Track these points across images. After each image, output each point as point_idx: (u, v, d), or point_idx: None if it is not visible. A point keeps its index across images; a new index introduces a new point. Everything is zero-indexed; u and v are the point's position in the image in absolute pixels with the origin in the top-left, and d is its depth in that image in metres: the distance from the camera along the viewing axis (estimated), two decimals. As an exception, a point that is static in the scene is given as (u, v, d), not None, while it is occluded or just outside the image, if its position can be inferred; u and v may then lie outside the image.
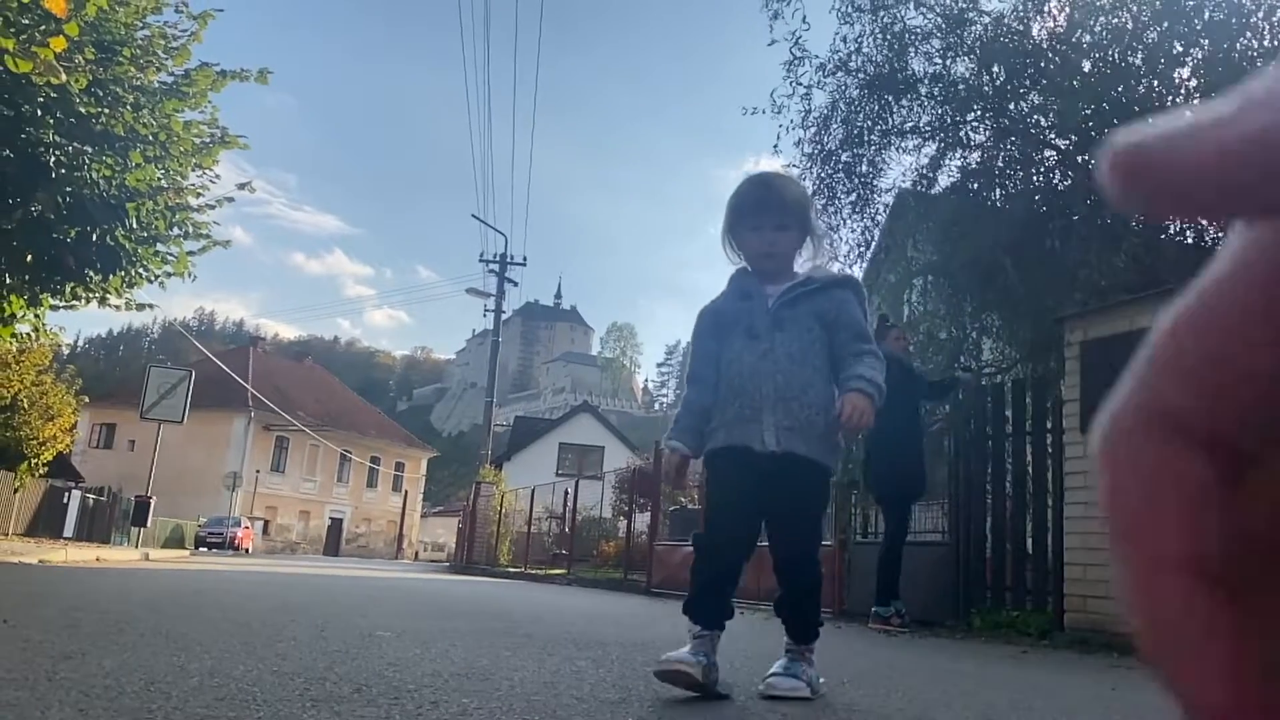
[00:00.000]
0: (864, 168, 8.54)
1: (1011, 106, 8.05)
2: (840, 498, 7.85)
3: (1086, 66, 7.53)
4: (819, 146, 8.53)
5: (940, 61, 8.21)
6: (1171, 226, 7.86)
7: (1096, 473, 0.23)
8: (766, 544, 2.55)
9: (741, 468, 2.39)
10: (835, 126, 8.46)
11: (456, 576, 17.18)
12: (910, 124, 8.44)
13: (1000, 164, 8.23)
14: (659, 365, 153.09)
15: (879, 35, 8.24)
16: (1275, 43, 7.07)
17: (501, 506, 22.92)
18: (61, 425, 23.53)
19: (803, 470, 2.37)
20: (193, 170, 9.67)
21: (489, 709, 1.95)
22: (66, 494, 24.05)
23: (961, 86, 8.10)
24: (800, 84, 8.45)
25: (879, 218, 8.81)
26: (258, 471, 47.56)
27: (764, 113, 8.51)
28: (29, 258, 8.69)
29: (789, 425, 2.37)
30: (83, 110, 8.01)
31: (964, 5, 8.05)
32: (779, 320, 2.45)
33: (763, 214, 2.50)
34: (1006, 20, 7.89)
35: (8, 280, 9.01)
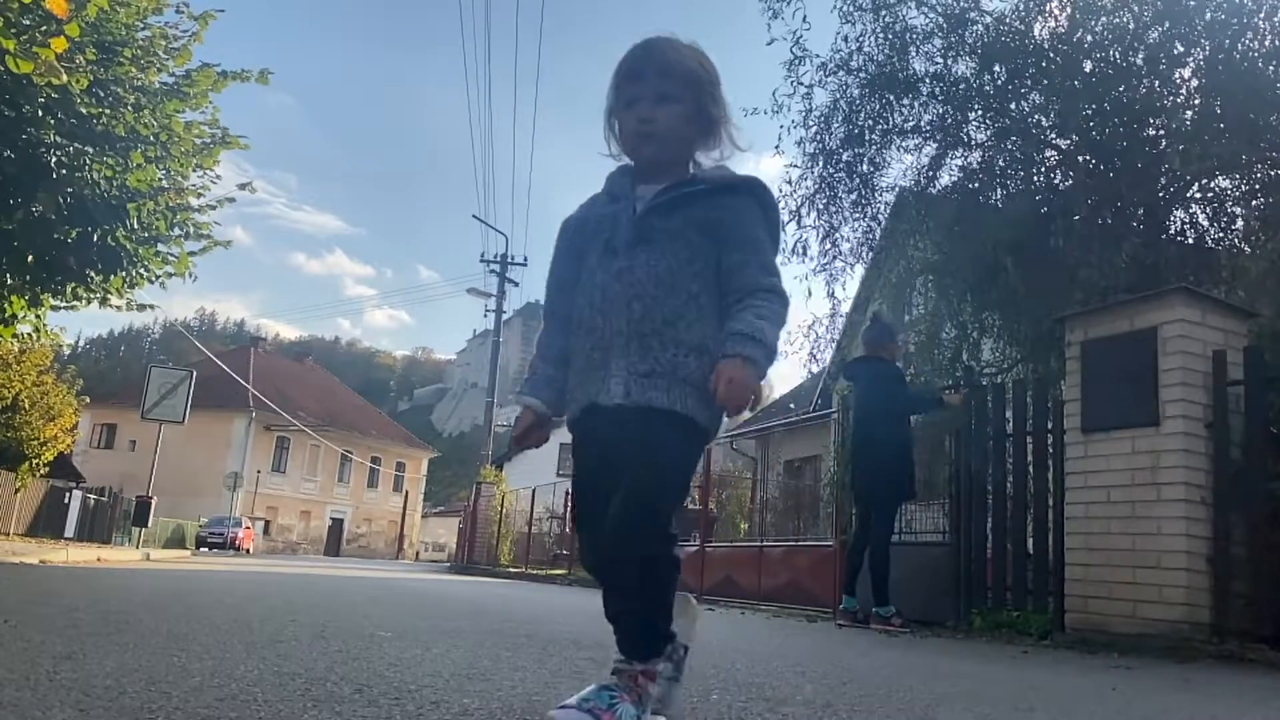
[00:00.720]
0: (865, 167, 8.54)
1: (1013, 106, 8.04)
2: (841, 499, 7.85)
3: (1088, 66, 7.53)
4: (820, 146, 8.53)
5: (941, 61, 8.21)
6: (1173, 226, 7.86)
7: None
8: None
9: (592, 438, 1.82)
10: (836, 126, 8.46)
11: (457, 577, 17.18)
12: (911, 123, 8.44)
13: (1001, 163, 8.23)
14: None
15: (880, 34, 8.24)
16: (1276, 43, 7.07)
17: (502, 507, 22.94)
18: (62, 425, 23.52)
19: (660, 421, 1.73)
20: (194, 171, 9.69)
21: (490, 709, 1.96)
22: (67, 494, 24.08)
23: (963, 86, 8.10)
24: (801, 83, 8.45)
25: (880, 217, 8.82)
26: (258, 472, 47.61)
27: (764, 113, 8.52)
28: (30, 258, 8.70)
29: (646, 370, 1.74)
30: (84, 111, 8.02)
31: (965, 5, 8.05)
32: (646, 231, 1.83)
33: (639, 82, 1.87)
34: (1008, 20, 7.89)
35: (9, 280, 9.02)
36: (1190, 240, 7.89)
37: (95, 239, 8.75)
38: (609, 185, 1.97)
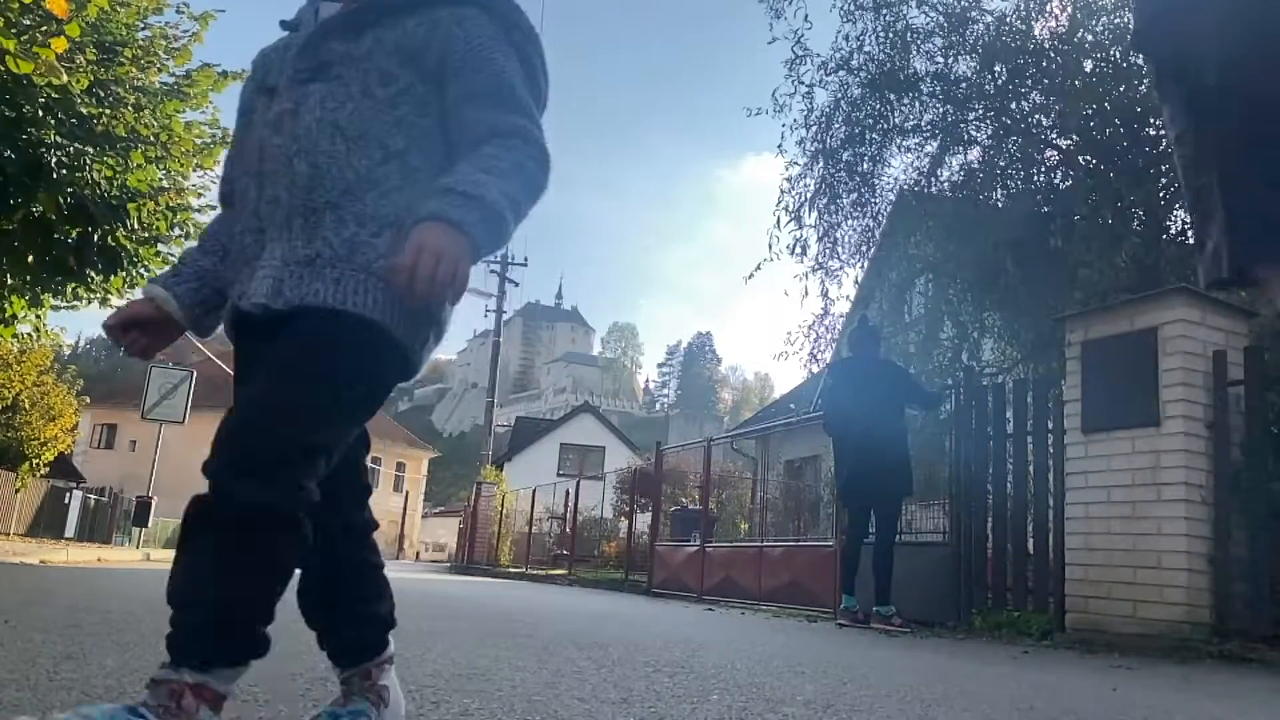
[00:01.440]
0: (865, 166, 8.56)
1: (1013, 106, 8.05)
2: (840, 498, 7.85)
3: (1088, 66, 7.54)
4: (821, 145, 8.56)
5: (942, 60, 8.23)
6: (1173, 226, 7.86)
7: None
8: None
9: (245, 355, 1.36)
10: (837, 125, 8.48)
11: (457, 577, 17.19)
12: (912, 122, 8.46)
13: (1001, 163, 8.24)
14: (660, 366, 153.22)
15: (881, 34, 8.26)
16: (1276, 42, 7.07)
17: (503, 507, 22.94)
18: (63, 426, 23.54)
19: (315, 324, 1.21)
20: (194, 171, 9.69)
21: (490, 709, 1.96)
22: (68, 494, 24.09)
23: (963, 85, 8.11)
24: (802, 82, 8.50)
25: (880, 216, 8.83)
26: (259, 471, 47.54)
27: (766, 113, 8.57)
28: (30, 258, 8.70)
29: (309, 255, 1.22)
30: (84, 111, 8.03)
31: (966, 4, 8.06)
32: (319, 59, 1.29)
33: None
34: (1009, 19, 7.90)
35: (9, 281, 9.02)
36: (1190, 241, 7.89)
37: (95, 239, 8.75)
38: (295, 18, 1.42)
